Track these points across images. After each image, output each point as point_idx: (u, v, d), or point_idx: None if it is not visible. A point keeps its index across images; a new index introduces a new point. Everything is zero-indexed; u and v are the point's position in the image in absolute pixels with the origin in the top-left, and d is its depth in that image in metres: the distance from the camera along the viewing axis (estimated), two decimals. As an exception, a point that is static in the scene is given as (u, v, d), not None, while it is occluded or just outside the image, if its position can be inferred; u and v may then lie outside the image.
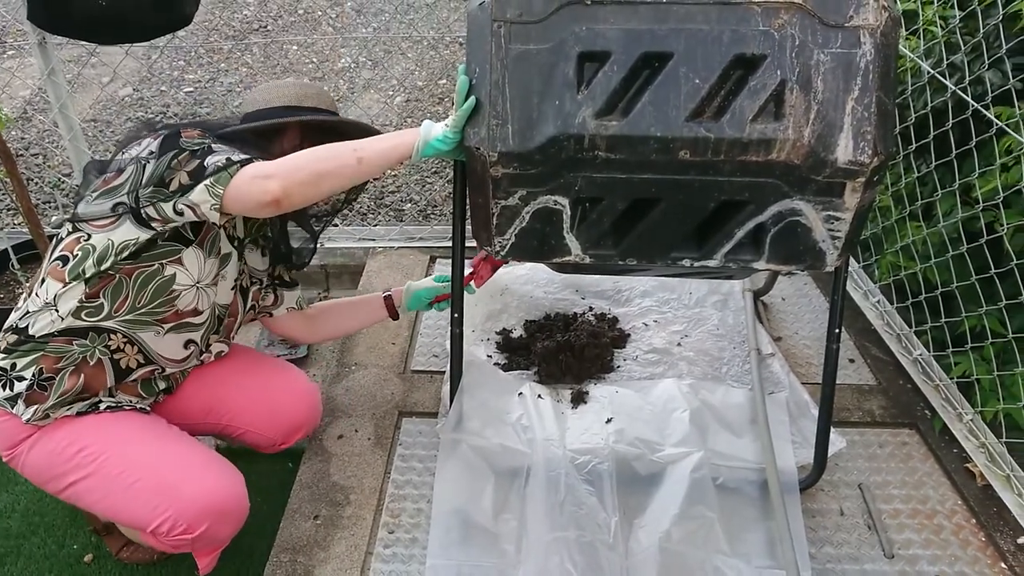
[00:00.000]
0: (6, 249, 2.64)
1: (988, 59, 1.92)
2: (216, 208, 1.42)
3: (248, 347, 1.99)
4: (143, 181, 1.44)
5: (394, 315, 2.01)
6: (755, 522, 1.72)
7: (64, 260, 1.50)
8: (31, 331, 1.51)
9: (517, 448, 1.82)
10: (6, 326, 1.56)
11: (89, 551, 1.92)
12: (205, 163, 1.43)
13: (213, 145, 1.46)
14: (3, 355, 1.53)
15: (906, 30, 2.36)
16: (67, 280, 1.49)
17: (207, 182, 1.41)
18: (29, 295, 1.56)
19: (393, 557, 1.70)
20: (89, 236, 1.49)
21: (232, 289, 1.68)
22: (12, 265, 2.62)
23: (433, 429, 1.99)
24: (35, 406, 1.51)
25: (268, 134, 1.63)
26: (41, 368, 1.51)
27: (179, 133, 1.47)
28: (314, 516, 1.79)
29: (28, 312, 1.53)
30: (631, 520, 1.70)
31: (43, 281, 1.53)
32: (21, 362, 1.51)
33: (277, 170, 1.42)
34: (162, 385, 1.70)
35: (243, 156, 1.45)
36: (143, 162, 1.45)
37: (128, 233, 1.47)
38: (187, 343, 1.64)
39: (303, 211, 1.76)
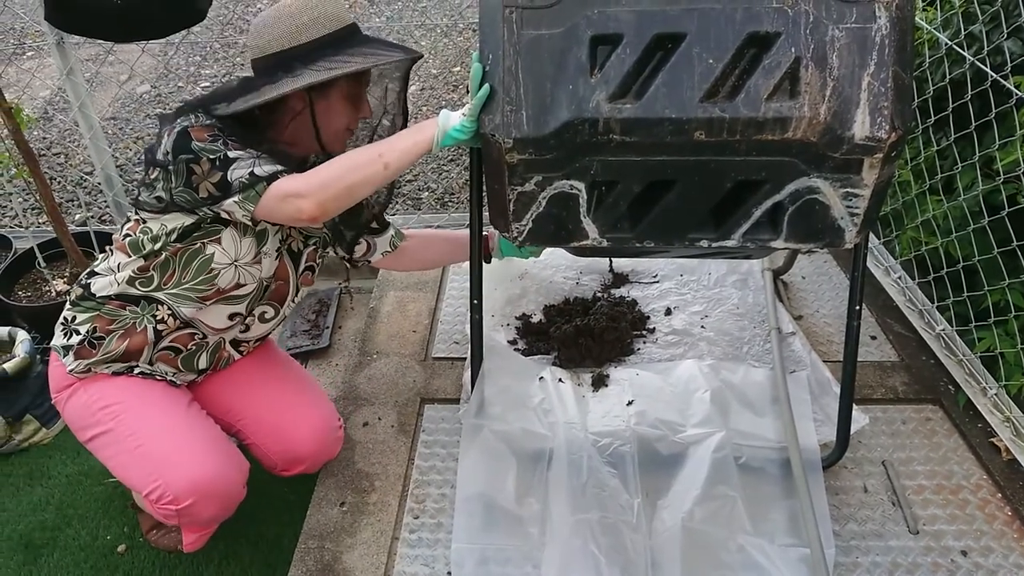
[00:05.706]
0: (32, 248, 2.68)
1: (1007, 29, 1.89)
2: (249, 219, 1.52)
3: (292, 360, 2.00)
4: (172, 182, 1.49)
5: (487, 258, 2.07)
6: (778, 500, 1.72)
7: (127, 237, 1.61)
8: (93, 289, 1.64)
9: (539, 432, 1.83)
10: (78, 280, 1.68)
11: (122, 542, 1.96)
12: (228, 178, 1.46)
13: (229, 153, 1.46)
14: (70, 306, 1.67)
15: (923, 1, 2.33)
16: (130, 253, 1.60)
17: (236, 199, 1.47)
18: (105, 257, 1.68)
19: (419, 542, 1.72)
20: (145, 221, 1.58)
21: (276, 259, 1.69)
22: (38, 263, 2.67)
23: (455, 415, 2.01)
24: (80, 360, 1.64)
25: (270, 106, 1.56)
26: (95, 327, 1.63)
27: (188, 133, 1.47)
28: (340, 503, 1.81)
29: (95, 272, 1.65)
30: (654, 501, 1.71)
31: (113, 252, 1.65)
32: (80, 316, 1.64)
33: (308, 188, 1.44)
34: (203, 364, 1.76)
35: (266, 170, 1.46)
36: (166, 164, 1.48)
37: (176, 219, 1.55)
38: (231, 315, 1.70)
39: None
